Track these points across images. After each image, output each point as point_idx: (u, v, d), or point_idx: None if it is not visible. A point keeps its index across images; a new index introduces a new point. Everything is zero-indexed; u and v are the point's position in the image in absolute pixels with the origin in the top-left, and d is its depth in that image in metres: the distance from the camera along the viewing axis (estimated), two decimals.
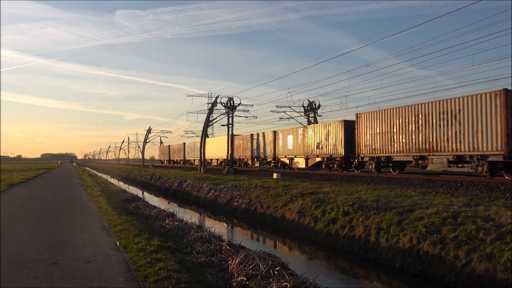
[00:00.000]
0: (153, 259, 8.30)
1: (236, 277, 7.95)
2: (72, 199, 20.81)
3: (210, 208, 24.17)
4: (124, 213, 15.49)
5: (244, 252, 8.98)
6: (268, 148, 39.50)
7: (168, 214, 16.13)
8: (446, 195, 15.25)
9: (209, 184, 28.52)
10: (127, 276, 7.27)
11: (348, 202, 14.62)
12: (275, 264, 8.25)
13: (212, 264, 8.90)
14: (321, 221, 14.55)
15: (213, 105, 46.86)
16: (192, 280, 7.02)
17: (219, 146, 50.19)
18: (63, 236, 10.79)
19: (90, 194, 24.08)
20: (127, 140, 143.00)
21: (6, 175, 44.06)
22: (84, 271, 7.47)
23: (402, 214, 12.25)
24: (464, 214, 11.05)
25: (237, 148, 46.23)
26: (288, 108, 44.94)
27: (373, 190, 17.90)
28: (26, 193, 24.27)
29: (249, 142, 43.34)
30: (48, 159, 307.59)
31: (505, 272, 8.14)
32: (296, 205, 16.75)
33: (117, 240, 10.39)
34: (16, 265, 7.83)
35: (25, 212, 15.70)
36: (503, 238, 9.00)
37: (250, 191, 22.03)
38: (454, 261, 9.24)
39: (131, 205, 19.36)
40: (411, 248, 10.53)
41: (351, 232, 12.87)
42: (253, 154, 42.91)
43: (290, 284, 7.14)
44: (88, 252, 8.99)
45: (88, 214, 15.25)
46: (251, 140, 42.99)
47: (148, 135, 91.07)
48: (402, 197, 15.21)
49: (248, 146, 43.68)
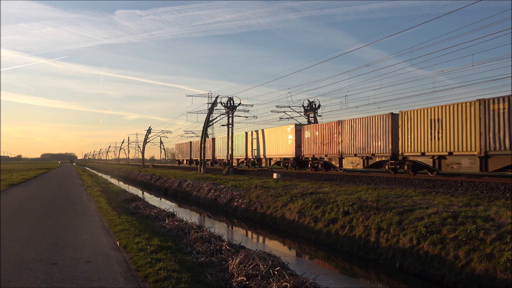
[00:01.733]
0: (153, 259, 8.31)
1: (236, 277, 7.95)
2: (72, 199, 20.81)
3: (210, 208, 24.17)
4: (124, 213, 15.49)
5: (244, 252, 8.98)
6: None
7: (168, 214, 16.13)
8: (446, 195, 15.25)
9: (209, 184, 28.53)
10: (127, 276, 7.27)
11: (348, 202, 14.62)
12: (275, 264, 8.25)
13: (212, 264, 8.90)
14: (321, 221, 14.55)
15: (213, 105, 46.88)
16: (192, 280, 7.02)
17: (278, 140, 36.46)
18: (63, 236, 10.79)
19: (90, 194, 24.08)
20: (127, 140, 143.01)
21: (6, 175, 44.06)
22: (84, 271, 7.48)
23: (402, 214, 12.25)
24: (464, 214, 11.05)
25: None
26: (288, 108, 44.97)
27: (373, 190, 17.90)
28: (26, 193, 24.27)
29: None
30: (48, 159, 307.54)
31: (505, 272, 8.14)
32: (296, 205, 16.75)
33: (117, 240, 10.39)
34: (16, 265, 7.84)
35: (25, 212, 15.70)
36: (503, 238, 9.00)
37: (250, 191, 22.03)
38: (454, 261, 9.25)
39: (131, 205, 19.35)
40: (411, 248, 10.53)
41: (351, 232, 12.87)
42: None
43: (290, 284, 7.14)
44: (88, 252, 8.99)
45: (88, 214, 15.25)
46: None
47: (148, 135, 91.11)
48: (402, 197, 15.21)
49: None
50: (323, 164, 30.16)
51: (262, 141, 39.47)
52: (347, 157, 27.08)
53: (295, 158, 33.27)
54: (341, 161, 27.70)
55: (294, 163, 33.83)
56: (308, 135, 31.60)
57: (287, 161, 35.25)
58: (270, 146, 37.70)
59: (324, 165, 30.10)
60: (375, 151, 24.53)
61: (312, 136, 31.15)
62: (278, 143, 36.12)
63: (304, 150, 32.13)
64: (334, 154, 28.31)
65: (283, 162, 35.92)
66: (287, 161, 35.16)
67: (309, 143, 31.38)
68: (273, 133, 37.32)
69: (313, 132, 31.08)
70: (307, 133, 31.89)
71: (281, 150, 35.72)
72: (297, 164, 33.77)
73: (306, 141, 31.78)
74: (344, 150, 27.13)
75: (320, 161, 30.40)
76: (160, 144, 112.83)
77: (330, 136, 28.76)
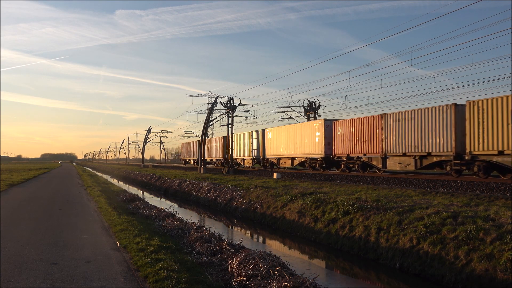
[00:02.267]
0: (153, 259, 8.30)
1: (236, 277, 7.95)
2: (72, 199, 20.81)
3: (210, 208, 24.17)
4: (124, 213, 15.49)
5: (244, 252, 8.98)
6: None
7: (168, 214, 16.13)
8: (446, 195, 15.26)
9: (209, 184, 28.53)
10: (127, 276, 7.27)
11: (348, 202, 14.62)
12: (275, 264, 8.25)
13: (212, 264, 8.90)
14: (321, 221, 14.55)
15: (213, 105, 46.88)
16: (192, 280, 7.02)
17: (302, 137, 32.36)
18: (63, 236, 10.79)
19: (90, 194, 24.08)
20: (127, 140, 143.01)
21: (6, 175, 44.06)
22: (84, 271, 7.47)
23: (402, 214, 12.25)
24: (464, 214, 11.05)
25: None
26: (288, 108, 45.01)
27: (373, 190, 17.90)
28: (26, 193, 24.27)
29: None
30: (48, 159, 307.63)
31: (505, 272, 8.14)
32: (296, 205, 16.75)
33: (117, 240, 10.39)
34: (16, 265, 7.83)
35: (25, 212, 15.70)
36: (503, 238, 9.00)
37: (250, 191, 22.03)
38: (454, 261, 9.25)
39: (131, 205, 19.36)
40: (411, 248, 10.53)
41: (351, 232, 12.87)
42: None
43: (290, 284, 7.14)
44: (88, 252, 8.99)
45: (88, 214, 15.25)
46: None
47: (148, 135, 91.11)
48: (402, 197, 15.21)
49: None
50: (360, 164, 26.40)
51: (283, 139, 35.14)
52: (393, 156, 23.21)
53: (325, 157, 29.34)
54: (385, 161, 23.85)
55: (323, 163, 29.86)
56: (341, 132, 27.68)
57: (314, 161, 31.16)
58: (293, 144, 33.33)
59: (361, 166, 26.38)
60: (431, 149, 20.83)
61: (346, 132, 27.19)
62: (303, 141, 31.89)
63: (336, 149, 28.25)
64: (375, 153, 24.55)
65: (309, 162, 31.72)
66: (314, 161, 31.05)
67: (343, 140, 27.51)
68: (296, 130, 33.19)
69: (347, 128, 27.12)
70: (340, 129, 27.93)
71: (306, 148, 31.49)
72: (326, 164, 29.94)
73: (339, 138, 27.92)
74: (389, 148, 23.27)
75: (357, 161, 26.63)
76: (160, 144, 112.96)
77: (370, 132, 24.86)
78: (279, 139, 35.71)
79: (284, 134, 34.85)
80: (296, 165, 33.81)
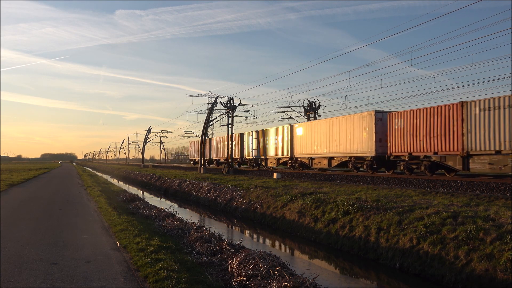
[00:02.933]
0: (153, 259, 8.31)
1: (236, 277, 7.95)
2: (72, 199, 20.81)
3: (210, 208, 24.17)
4: (124, 213, 15.49)
5: (244, 252, 8.98)
6: None
7: (168, 214, 16.14)
8: (446, 195, 15.26)
9: (209, 184, 28.53)
10: (127, 276, 7.27)
11: (348, 202, 14.62)
12: (275, 264, 8.25)
13: (212, 264, 8.90)
14: (321, 221, 14.55)
15: (213, 105, 46.89)
16: (192, 280, 7.02)
17: (345, 133, 27.20)
18: (63, 236, 10.79)
19: (90, 194, 24.08)
20: (127, 140, 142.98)
21: (6, 175, 44.06)
22: (84, 271, 7.47)
23: (402, 214, 12.25)
24: (464, 214, 11.05)
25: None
26: (288, 108, 44.99)
27: (373, 190, 17.90)
28: (26, 193, 24.27)
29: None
30: (48, 159, 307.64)
31: (505, 272, 8.14)
32: (296, 205, 16.76)
33: (117, 240, 10.39)
34: (16, 265, 7.83)
35: (25, 212, 15.70)
36: (503, 238, 9.01)
37: (250, 191, 22.04)
38: (454, 261, 9.25)
39: (131, 205, 19.36)
40: (411, 248, 10.53)
41: (351, 232, 12.87)
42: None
43: (290, 284, 7.14)
44: (88, 252, 8.99)
45: (88, 214, 15.25)
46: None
47: (148, 135, 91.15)
48: (402, 197, 15.21)
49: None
50: (428, 165, 21.52)
51: (317, 135, 30.22)
52: (481, 155, 18.51)
53: (376, 157, 24.31)
54: (466, 161, 19.20)
55: (374, 163, 24.81)
56: (400, 125, 22.68)
57: (360, 161, 26.14)
58: (331, 141, 28.37)
59: (430, 167, 21.52)
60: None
61: (408, 125, 22.26)
62: (345, 137, 26.85)
63: (392, 146, 23.22)
64: (451, 151, 19.77)
65: (354, 163, 26.67)
66: (361, 161, 25.97)
67: (403, 136, 22.53)
68: (335, 124, 28.12)
69: (409, 120, 22.21)
70: (398, 122, 22.87)
71: (349, 146, 26.45)
72: (378, 165, 24.95)
73: (397, 133, 22.93)
74: (474, 145, 18.66)
75: (424, 161, 21.74)
76: (160, 144, 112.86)
77: (445, 125, 20.11)
78: (312, 136, 30.80)
79: (319, 130, 29.91)
80: (335, 165, 28.72)
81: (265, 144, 38.24)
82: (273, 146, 36.71)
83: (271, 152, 37.14)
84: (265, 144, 38.34)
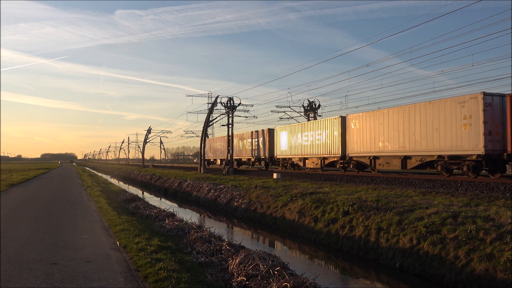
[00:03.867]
0: (153, 259, 8.31)
1: (236, 277, 7.95)
2: (72, 199, 20.80)
3: (210, 208, 24.17)
4: (124, 213, 15.49)
5: (244, 252, 8.98)
6: None
7: (168, 214, 16.13)
8: (446, 195, 15.25)
9: (209, 184, 28.53)
10: (127, 276, 7.27)
11: (348, 202, 14.62)
12: (275, 264, 8.25)
13: (212, 264, 8.90)
14: (321, 221, 14.55)
15: (213, 105, 46.90)
16: (192, 280, 7.02)
17: (431, 124, 20.87)
18: (63, 236, 10.79)
19: (90, 194, 24.08)
20: (127, 140, 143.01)
21: (6, 175, 44.05)
22: (84, 271, 7.47)
23: (402, 214, 12.25)
24: (464, 214, 11.05)
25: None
26: (288, 108, 45.02)
27: (373, 190, 17.89)
28: (26, 193, 24.27)
29: None
30: (48, 159, 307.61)
31: (505, 272, 8.14)
32: (296, 205, 16.75)
33: (117, 240, 10.39)
34: (16, 265, 7.83)
35: (25, 212, 15.70)
36: (503, 238, 9.00)
37: (250, 191, 22.03)
38: (454, 261, 9.24)
39: (131, 205, 19.36)
40: (411, 248, 10.53)
41: (351, 232, 12.87)
42: None
43: (290, 284, 7.14)
44: (88, 252, 8.99)
45: (88, 214, 15.25)
46: None
47: (148, 135, 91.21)
48: (402, 197, 15.20)
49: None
50: None
51: (382, 128, 24.17)
52: None
53: (486, 156, 18.05)
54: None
55: (483, 164, 18.73)
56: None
57: (456, 161, 20.00)
58: (406, 135, 22.23)
59: None
60: None
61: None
62: (429, 130, 20.84)
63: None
64: None
65: (445, 164, 20.58)
66: (460, 161, 19.74)
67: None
68: (415, 113, 21.82)
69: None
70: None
71: (438, 141, 20.29)
72: (489, 165, 18.69)
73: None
74: None
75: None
76: (160, 144, 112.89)
77: None
78: (374, 129, 24.83)
79: (385, 121, 23.95)
80: (412, 167, 22.55)
81: (303, 141, 32.26)
82: (316, 143, 30.73)
83: (312, 150, 31.19)
84: (303, 140, 32.34)
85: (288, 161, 35.71)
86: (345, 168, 28.66)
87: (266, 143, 39.06)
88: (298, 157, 33.33)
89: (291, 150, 34.18)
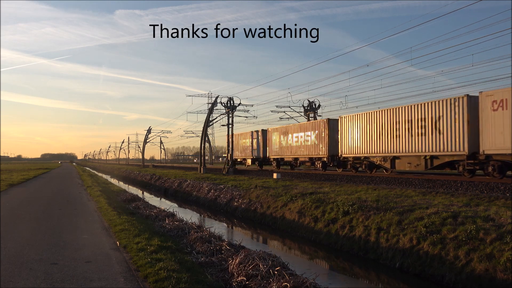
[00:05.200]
0: (153, 259, 8.30)
1: (236, 277, 7.95)
2: (72, 199, 20.81)
3: (210, 208, 24.17)
4: (124, 213, 15.48)
5: (244, 252, 8.98)
6: None
7: (168, 214, 16.13)
8: (446, 195, 15.25)
9: (209, 184, 28.53)
10: (127, 276, 7.27)
11: (348, 202, 14.62)
12: (275, 264, 8.25)
13: (212, 264, 8.91)
14: (321, 221, 14.55)
15: (213, 105, 46.91)
16: (192, 280, 7.02)
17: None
18: (63, 236, 10.79)
19: (90, 194, 24.08)
20: (127, 140, 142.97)
21: (6, 175, 44.06)
22: (84, 271, 7.47)
23: (402, 214, 12.25)
24: (464, 214, 11.05)
25: None
26: (288, 108, 45.00)
27: (373, 190, 17.89)
28: (26, 193, 24.27)
29: None
30: (48, 159, 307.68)
31: (505, 272, 8.14)
32: (296, 205, 16.75)
33: (117, 240, 10.39)
34: (16, 265, 7.83)
35: (25, 212, 15.70)
36: (503, 238, 9.00)
37: (250, 191, 22.03)
38: (454, 261, 9.25)
39: (131, 205, 19.36)
40: (411, 248, 10.53)
41: (351, 232, 12.87)
42: None
43: (290, 284, 7.14)
44: (88, 252, 8.99)
45: (88, 214, 15.25)
46: None
47: (148, 135, 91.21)
48: (402, 197, 15.20)
49: None
50: None
51: (371, 130, 23.39)
52: None
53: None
54: None
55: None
56: None
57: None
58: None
59: None
60: None
61: None
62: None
63: None
64: None
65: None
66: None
67: None
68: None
69: None
70: None
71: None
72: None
73: None
74: None
75: None
76: (160, 144, 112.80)
77: None
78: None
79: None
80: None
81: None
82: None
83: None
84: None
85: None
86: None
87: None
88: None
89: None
